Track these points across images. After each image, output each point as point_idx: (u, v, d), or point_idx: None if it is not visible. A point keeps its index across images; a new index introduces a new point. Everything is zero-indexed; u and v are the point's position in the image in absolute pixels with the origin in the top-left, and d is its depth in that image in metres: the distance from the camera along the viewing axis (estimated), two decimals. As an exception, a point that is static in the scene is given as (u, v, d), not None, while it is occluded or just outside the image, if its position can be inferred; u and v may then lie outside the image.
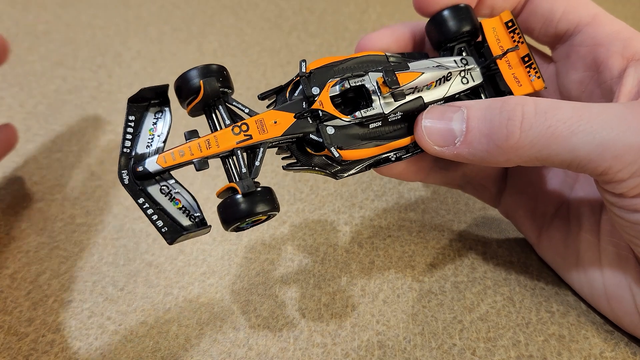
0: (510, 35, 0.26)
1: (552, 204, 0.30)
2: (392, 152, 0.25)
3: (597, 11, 0.26)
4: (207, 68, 0.23)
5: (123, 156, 0.22)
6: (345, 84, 0.24)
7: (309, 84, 0.24)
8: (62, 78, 0.46)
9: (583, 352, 0.27)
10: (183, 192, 0.22)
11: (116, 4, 0.58)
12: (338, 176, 0.25)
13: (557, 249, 0.29)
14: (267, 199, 0.22)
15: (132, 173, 0.22)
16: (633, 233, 0.23)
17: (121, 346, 0.27)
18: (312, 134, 0.23)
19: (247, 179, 0.22)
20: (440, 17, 0.26)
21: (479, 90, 0.27)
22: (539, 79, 0.26)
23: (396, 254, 0.32)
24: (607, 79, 0.25)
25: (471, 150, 0.23)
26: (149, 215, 0.21)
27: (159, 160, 0.22)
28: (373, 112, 0.24)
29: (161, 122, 0.23)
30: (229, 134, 0.22)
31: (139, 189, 0.22)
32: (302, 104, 0.24)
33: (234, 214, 0.21)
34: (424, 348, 0.27)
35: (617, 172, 0.21)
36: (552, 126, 0.21)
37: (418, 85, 0.25)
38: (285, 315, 0.28)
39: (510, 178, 0.32)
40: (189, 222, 0.22)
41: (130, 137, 0.22)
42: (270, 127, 0.23)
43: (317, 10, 0.59)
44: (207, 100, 0.23)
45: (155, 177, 0.22)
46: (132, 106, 0.23)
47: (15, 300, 0.29)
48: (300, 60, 0.24)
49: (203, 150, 0.22)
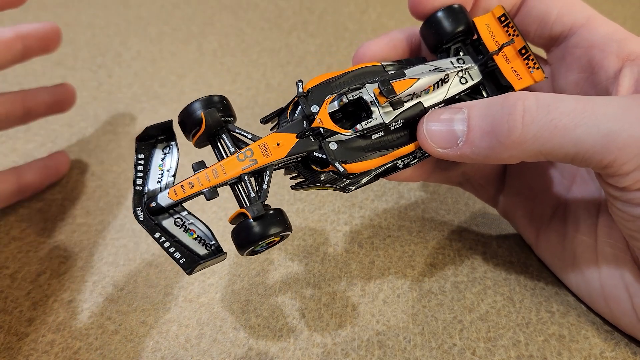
0: (504, 30, 0.26)
1: (549, 206, 0.30)
2: (398, 159, 0.25)
3: (591, 13, 0.26)
4: (207, 100, 0.24)
5: (136, 194, 0.23)
6: (343, 99, 0.24)
7: (307, 103, 0.24)
8: (62, 78, 0.46)
9: (583, 352, 0.27)
10: (197, 223, 0.23)
11: (116, 4, 0.58)
12: (347, 190, 0.25)
13: (555, 250, 0.29)
14: (278, 221, 0.22)
15: (146, 209, 0.22)
16: (634, 228, 0.23)
17: (121, 346, 0.27)
18: (316, 151, 0.24)
19: (256, 203, 0.22)
20: (433, 19, 0.26)
21: (479, 88, 0.27)
22: (538, 70, 0.26)
23: (396, 254, 0.32)
24: (602, 80, 0.25)
25: (474, 149, 0.23)
26: (166, 249, 0.22)
27: (170, 194, 0.22)
28: (374, 123, 0.24)
29: (169, 157, 0.24)
30: (234, 161, 0.23)
31: (154, 224, 0.22)
32: (303, 124, 0.24)
33: (247, 238, 0.22)
34: (424, 348, 0.27)
35: (622, 164, 0.21)
36: (556, 119, 0.21)
37: (416, 91, 0.25)
38: (285, 315, 0.28)
39: (508, 179, 0.32)
40: (206, 251, 0.23)
41: (141, 174, 0.23)
42: (274, 150, 0.23)
43: (317, 10, 0.59)
44: (210, 131, 0.24)
45: (169, 211, 0.23)
46: (140, 145, 0.23)
47: (15, 300, 0.29)
48: (297, 81, 0.24)
49: (211, 180, 0.23)
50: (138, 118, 0.42)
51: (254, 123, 0.41)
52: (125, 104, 0.44)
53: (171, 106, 0.44)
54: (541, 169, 0.30)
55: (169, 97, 0.45)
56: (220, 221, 0.34)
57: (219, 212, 0.34)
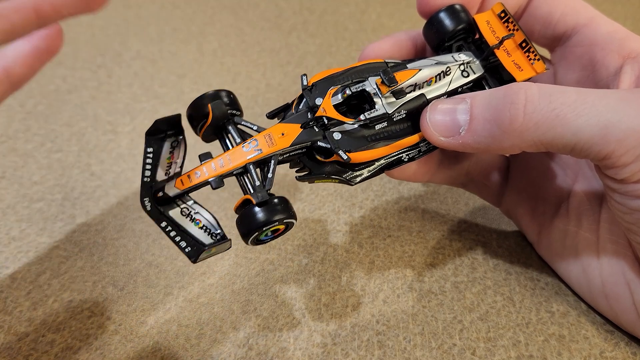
0: (504, 25, 0.27)
1: (552, 203, 0.30)
2: (403, 152, 0.25)
3: (594, 14, 0.27)
4: (214, 93, 0.24)
5: (144, 185, 0.23)
6: (346, 91, 0.24)
7: (311, 95, 0.24)
8: (62, 78, 0.46)
9: (583, 352, 0.27)
10: (202, 212, 0.23)
11: (116, 4, 0.58)
12: (352, 181, 0.25)
13: (557, 247, 0.29)
14: (282, 207, 0.22)
15: (153, 199, 0.23)
16: (632, 221, 0.23)
17: (121, 346, 0.27)
18: (320, 141, 0.24)
19: (261, 191, 0.23)
20: (435, 18, 0.27)
21: (481, 82, 0.27)
22: (539, 61, 0.26)
23: (396, 254, 0.32)
24: (603, 77, 0.25)
25: (476, 138, 0.23)
26: (172, 237, 0.22)
27: (177, 183, 0.23)
28: (377, 114, 0.24)
29: (177, 150, 0.24)
30: (240, 150, 0.23)
31: (160, 213, 0.23)
32: (307, 115, 0.24)
33: (250, 224, 0.22)
34: (424, 348, 0.27)
35: (620, 156, 0.21)
36: (557, 109, 0.21)
37: (418, 82, 0.25)
38: (285, 315, 0.28)
39: (512, 177, 0.32)
40: (211, 240, 0.23)
41: (149, 167, 0.23)
42: (279, 140, 0.24)
43: (317, 10, 0.59)
44: (217, 123, 0.24)
45: (176, 201, 0.23)
46: (150, 139, 0.24)
47: (15, 300, 0.29)
48: (302, 75, 0.25)
49: (217, 169, 0.23)
50: (138, 118, 0.42)
51: (255, 122, 0.41)
52: (125, 104, 0.44)
53: (171, 106, 0.44)
54: (545, 166, 0.31)
55: (169, 97, 0.45)
56: (220, 221, 0.34)
57: (219, 212, 0.34)
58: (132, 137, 0.40)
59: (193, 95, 0.45)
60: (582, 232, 0.27)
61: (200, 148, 0.30)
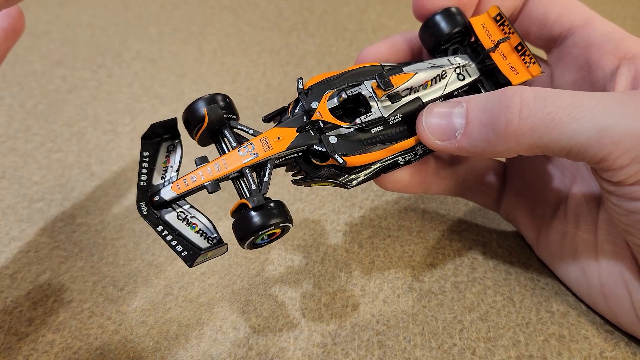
0: (500, 28, 0.27)
1: (550, 206, 0.30)
2: (399, 155, 0.25)
3: (590, 14, 0.26)
4: (210, 97, 0.24)
5: (140, 189, 0.23)
6: (342, 94, 0.24)
7: (307, 99, 0.24)
8: (62, 78, 0.46)
9: (583, 352, 0.27)
10: (199, 216, 0.23)
11: (116, 4, 0.58)
12: (348, 185, 0.25)
13: (555, 249, 0.29)
14: (278, 211, 0.22)
15: (150, 203, 0.23)
16: (629, 223, 0.23)
17: (121, 346, 0.27)
18: (316, 145, 0.24)
19: (257, 195, 0.22)
20: (431, 21, 0.27)
21: (477, 85, 0.27)
22: (534, 65, 0.26)
23: (396, 254, 0.32)
24: (599, 78, 0.25)
25: (472, 142, 0.23)
26: (168, 242, 0.22)
27: (173, 187, 0.23)
28: (372, 117, 0.24)
29: (173, 154, 0.24)
30: (235, 155, 0.23)
31: (156, 217, 0.22)
32: (303, 119, 0.24)
33: (246, 228, 0.22)
34: (424, 348, 0.27)
35: (616, 158, 0.21)
36: (552, 112, 0.21)
37: (413, 86, 0.25)
38: (285, 315, 0.28)
39: (509, 181, 0.32)
40: (207, 244, 0.23)
41: (145, 171, 0.23)
42: (275, 143, 0.24)
43: (317, 10, 0.59)
44: (213, 127, 0.24)
45: (172, 205, 0.23)
46: (146, 143, 0.24)
47: (15, 300, 0.28)
48: (297, 78, 0.25)
49: (213, 173, 0.23)
50: (138, 118, 0.42)
51: (254, 123, 0.41)
52: (125, 104, 0.44)
53: (171, 106, 0.44)
54: (542, 169, 0.31)
55: (169, 97, 0.45)
56: (220, 220, 0.34)
57: (219, 212, 0.34)
58: (132, 137, 0.40)
59: (193, 95, 0.45)
60: (581, 234, 0.27)
61: (196, 152, 0.30)
